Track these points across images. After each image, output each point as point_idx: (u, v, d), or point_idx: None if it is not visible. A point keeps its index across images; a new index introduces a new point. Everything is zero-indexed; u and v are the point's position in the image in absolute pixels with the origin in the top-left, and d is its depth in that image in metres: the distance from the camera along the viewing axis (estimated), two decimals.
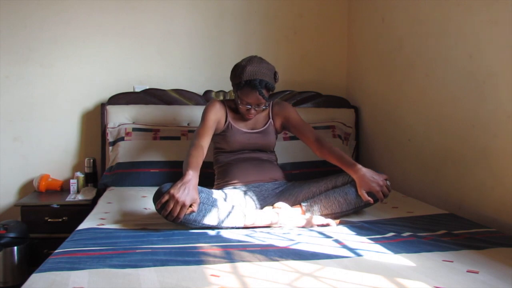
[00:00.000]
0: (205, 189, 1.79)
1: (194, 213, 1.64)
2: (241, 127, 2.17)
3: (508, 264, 1.35)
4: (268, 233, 1.68)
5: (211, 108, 2.11)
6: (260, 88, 1.99)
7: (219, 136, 2.17)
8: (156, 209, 1.65)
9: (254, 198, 1.99)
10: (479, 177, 2.00)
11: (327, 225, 1.75)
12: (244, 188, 2.02)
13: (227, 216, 1.69)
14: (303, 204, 1.89)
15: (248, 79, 1.99)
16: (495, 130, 1.90)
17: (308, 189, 1.95)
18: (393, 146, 2.69)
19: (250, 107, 2.06)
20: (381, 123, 2.81)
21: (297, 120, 2.21)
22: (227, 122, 2.15)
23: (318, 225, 1.76)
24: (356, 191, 1.86)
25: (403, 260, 1.39)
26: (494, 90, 1.90)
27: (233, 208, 1.73)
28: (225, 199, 1.89)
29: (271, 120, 2.23)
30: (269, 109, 2.26)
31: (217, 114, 2.11)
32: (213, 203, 1.70)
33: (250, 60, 2.05)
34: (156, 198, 1.65)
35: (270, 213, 1.78)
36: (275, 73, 2.07)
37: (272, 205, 1.91)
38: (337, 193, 1.88)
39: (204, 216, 1.67)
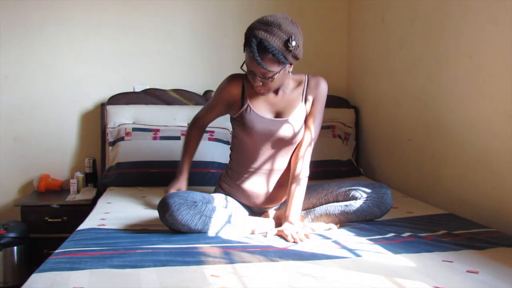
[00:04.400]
0: (206, 196, 1.74)
1: (195, 225, 1.62)
2: (263, 111, 1.76)
3: (508, 264, 1.36)
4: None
5: (223, 87, 1.80)
6: (255, 49, 1.56)
7: (236, 121, 1.80)
8: (160, 218, 1.63)
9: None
10: (479, 177, 2.00)
11: (329, 229, 1.74)
12: (249, 208, 1.91)
13: (223, 227, 1.66)
14: (302, 212, 1.85)
15: (246, 38, 1.62)
16: (495, 130, 1.90)
17: (308, 199, 1.85)
18: (393, 146, 2.69)
19: (254, 75, 1.63)
20: (381, 123, 2.81)
21: (315, 112, 1.80)
22: (246, 103, 1.76)
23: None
24: (358, 209, 1.78)
25: (403, 260, 1.39)
26: (494, 90, 1.90)
27: (230, 218, 1.68)
28: (225, 206, 1.80)
29: (302, 103, 1.79)
30: (304, 85, 1.81)
31: (230, 93, 1.78)
32: (210, 214, 1.65)
33: (265, 16, 1.63)
34: (161, 207, 1.62)
35: (269, 224, 1.76)
36: (288, 39, 1.57)
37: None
38: (338, 209, 1.79)
39: (202, 228, 1.63)
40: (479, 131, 1.99)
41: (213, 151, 2.59)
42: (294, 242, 1.56)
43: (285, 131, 1.76)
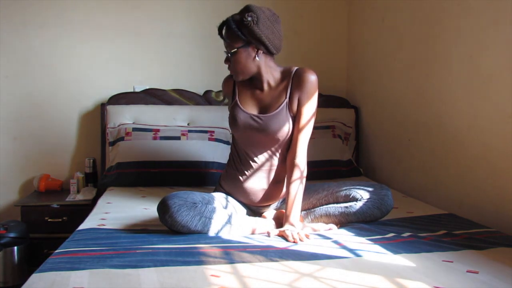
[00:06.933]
0: (206, 197, 1.73)
1: (195, 226, 1.61)
2: (248, 106, 1.80)
3: (508, 264, 1.36)
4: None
5: (222, 86, 1.93)
6: (221, 24, 1.75)
7: (228, 117, 1.86)
8: (160, 219, 1.63)
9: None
10: (479, 177, 2.00)
11: (329, 229, 1.74)
12: (248, 206, 1.91)
13: (224, 228, 1.66)
14: (302, 213, 1.84)
15: None
16: (495, 130, 1.90)
17: (308, 200, 1.84)
18: (393, 146, 2.69)
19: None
20: (381, 123, 2.81)
21: (303, 109, 1.77)
22: (235, 99, 1.83)
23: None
24: (358, 210, 1.77)
25: (403, 260, 1.39)
26: (494, 90, 1.90)
27: (230, 218, 1.68)
28: (225, 207, 1.79)
29: (287, 99, 1.76)
30: (289, 81, 1.79)
31: (225, 92, 1.92)
32: (210, 215, 1.64)
33: None
34: (160, 208, 1.62)
35: (269, 224, 1.76)
36: (244, 16, 1.68)
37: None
38: (338, 211, 1.78)
39: (202, 229, 1.63)
40: (479, 131, 1.99)
41: (213, 151, 2.59)
42: (294, 242, 1.56)
43: (266, 127, 1.75)
